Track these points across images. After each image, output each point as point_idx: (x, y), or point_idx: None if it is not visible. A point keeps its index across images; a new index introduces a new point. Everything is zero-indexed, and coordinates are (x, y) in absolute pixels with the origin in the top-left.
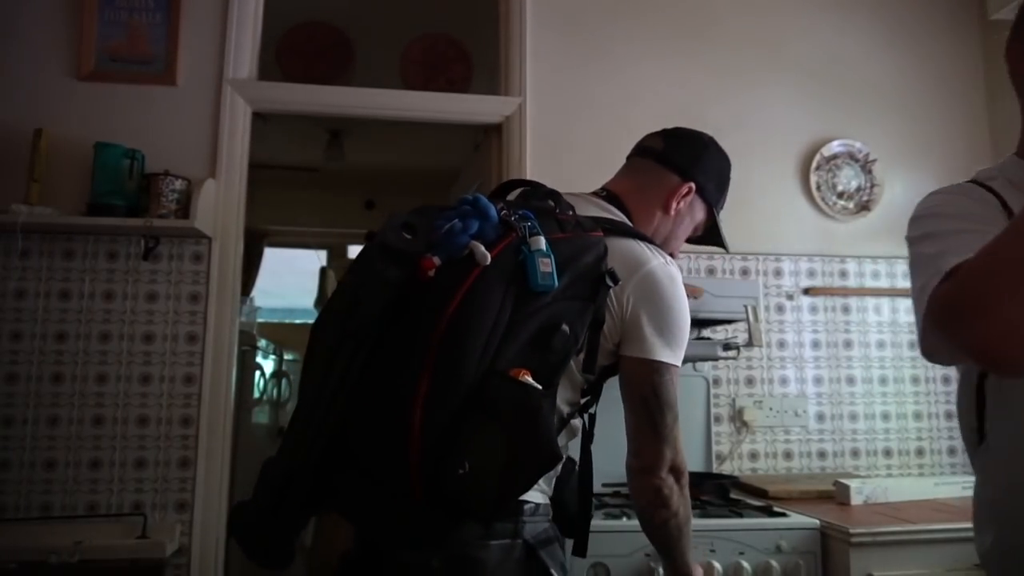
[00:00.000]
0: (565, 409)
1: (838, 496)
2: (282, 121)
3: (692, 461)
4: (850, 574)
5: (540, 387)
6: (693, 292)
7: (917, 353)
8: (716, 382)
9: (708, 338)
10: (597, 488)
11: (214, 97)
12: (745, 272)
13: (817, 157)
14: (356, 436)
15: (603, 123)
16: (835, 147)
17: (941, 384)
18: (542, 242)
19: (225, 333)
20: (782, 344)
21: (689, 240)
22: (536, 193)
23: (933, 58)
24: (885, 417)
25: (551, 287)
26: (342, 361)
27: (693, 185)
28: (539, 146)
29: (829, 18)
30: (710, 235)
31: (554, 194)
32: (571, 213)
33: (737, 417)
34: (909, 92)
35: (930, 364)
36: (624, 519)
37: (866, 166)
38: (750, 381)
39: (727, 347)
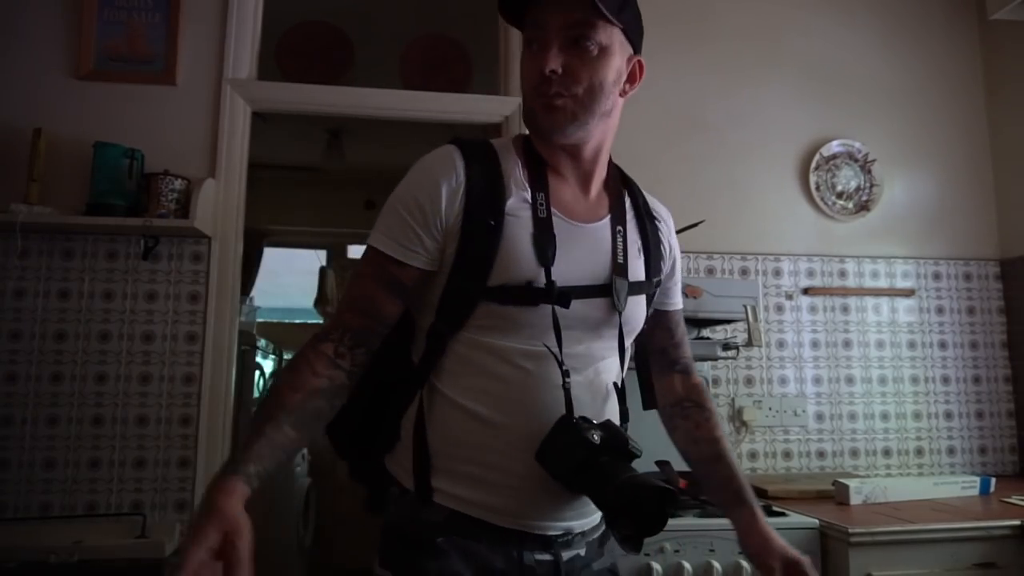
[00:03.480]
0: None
1: (837, 496)
2: (282, 121)
3: None
4: (849, 574)
5: None
6: (693, 292)
7: (916, 353)
8: (715, 382)
9: (707, 338)
10: None
11: (213, 97)
12: (744, 272)
13: (816, 157)
14: None
15: None
16: (834, 147)
17: (940, 384)
18: None
19: (225, 333)
20: (781, 344)
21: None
22: None
23: (933, 58)
24: (884, 417)
25: None
26: None
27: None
28: None
29: (829, 18)
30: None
31: None
32: None
33: (736, 417)
34: (908, 92)
35: (930, 364)
36: None
37: (865, 166)
38: (749, 381)
39: (726, 347)
